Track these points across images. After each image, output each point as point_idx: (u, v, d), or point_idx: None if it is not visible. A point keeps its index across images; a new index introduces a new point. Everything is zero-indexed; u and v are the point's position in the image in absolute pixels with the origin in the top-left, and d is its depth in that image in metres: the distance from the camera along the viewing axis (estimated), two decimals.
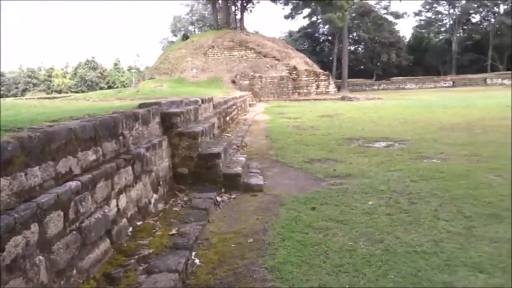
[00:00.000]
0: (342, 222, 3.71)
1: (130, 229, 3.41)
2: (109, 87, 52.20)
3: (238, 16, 41.36)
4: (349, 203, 4.26)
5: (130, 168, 3.51)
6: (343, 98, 25.96)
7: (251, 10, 43.79)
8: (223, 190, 4.83)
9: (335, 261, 2.93)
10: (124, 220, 3.31)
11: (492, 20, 62.60)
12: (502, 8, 62.49)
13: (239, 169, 5.16)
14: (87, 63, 59.06)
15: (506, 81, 45.33)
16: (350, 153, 7.00)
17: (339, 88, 36.56)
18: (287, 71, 30.11)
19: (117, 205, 3.20)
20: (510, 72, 51.55)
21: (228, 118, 11.02)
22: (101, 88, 51.05)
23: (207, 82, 25.81)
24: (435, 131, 9.39)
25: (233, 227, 3.73)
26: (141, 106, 4.82)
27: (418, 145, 7.54)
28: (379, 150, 7.22)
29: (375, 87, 45.06)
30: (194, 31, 62.50)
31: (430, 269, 2.75)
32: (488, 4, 60.63)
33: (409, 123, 11.09)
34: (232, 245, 3.31)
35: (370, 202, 4.26)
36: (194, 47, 31.52)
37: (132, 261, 2.85)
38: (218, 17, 40.93)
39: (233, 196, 4.72)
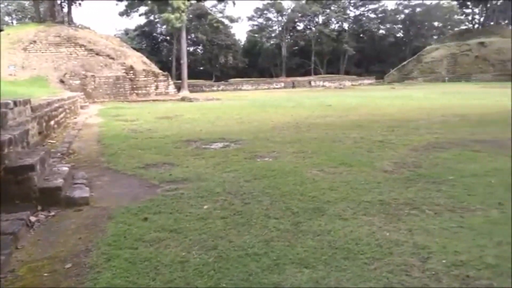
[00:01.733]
0: (175, 231, 3.52)
1: None
2: None
3: (66, 9, 37.82)
4: (184, 209, 4.11)
5: None
6: (183, 99, 25.92)
7: (80, 4, 40.49)
8: (39, 207, 4.17)
9: (165, 276, 2.72)
10: None
11: (313, 28, 70.52)
12: (320, 18, 70.83)
13: (60, 182, 4.54)
14: None
15: (327, 83, 51.30)
16: (187, 156, 6.88)
17: (179, 88, 36.47)
18: (123, 71, 28.70)
19: None
20: (329, 75, 58.90)
21: (53, 122, 9.83)
22: None
23: (29, 81, 22.84)
24: (268, 130, 9.95)
25: (48, 251, 3.21)
26: None
27: (253, 144, 7.84)
28: (216, 151, 7.27)
29: (215, 88, 46.27)
30: (12, 22, 55.04)
31: (260, 271, 2.75)
32: (309, 14, 68.04)
33: (245, 123, 11.55)
34: (45, 274, 2.82)
35: (205, 206, 4.17)
36: (11, 42, 27.61)
37: None
38: (41, 8, 36.73)
39: (52, 213, 4.11)
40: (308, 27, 72.90)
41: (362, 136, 8.54)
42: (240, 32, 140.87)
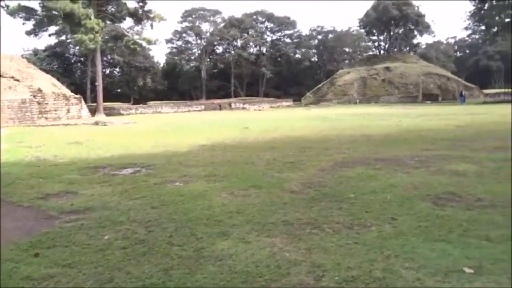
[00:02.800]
0: (69, 266, 3.30)
1: None
2: None
3: None
4: (81, 241, 3.88)
5: None
6: (97, 123, 24.80)
7: None
8: None
9: None
10: None
11: (232, 52, 71.95)
12: (239, 42, 72.52)
13: None
14: None
15: (247, 105, 52.20)
16: (93, 183, 6.55)
17: (94, 112, 34.93)
18: (30, 94, 26.87)
19: None
20: (249, 97, 60.13)
21: None
22: None
23: None
24: (182, 153, 9.84)
25: None
26: None
27: (165, 169, 7.69)
28: (125, 177, 7.01)
29: (133, 111, 44.93)
30: None
31: None
32: (228, 38, 69.38)
33: (159, 147, 11.32)
34: None
35: (106, 237, 3.98)
36: None
37: None
38: None
39: None
40: (227, 50, 74.29)
41: (274, 157, 8.76)
42: (159, 54, 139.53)
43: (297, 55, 79.28)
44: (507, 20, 49.61)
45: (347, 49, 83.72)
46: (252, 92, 70.68)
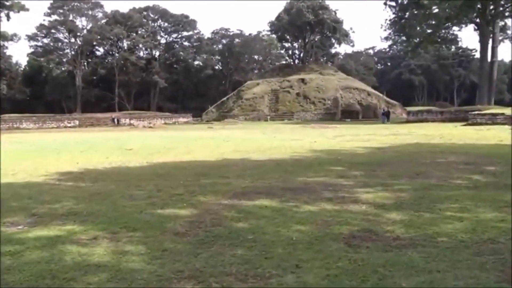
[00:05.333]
0: None
1: None
2: None
3: None
4: None
5: None
6: None
7: None
8: None
9: None
10: None
11: (117, 55, 70.16)
12: (125, 43, 71.04)
13: None
14: None
15: (135, 121, 50.90)
16: None
17: None
18: None
19: None
20: (138, 111, 58.72)
21: None
22: None
23: None
24: (36, 184, 9.06)
25: None
26: None
27: (7, 207, 6.92)
28: None
29: None
30: None
31: None
32: (111, 37, 67.57)
33: (7, 176, 10.31)
34: None
35: None
36: None
37: None
38: None
39: None
40: (111, 52, 72.33)
41: (160, 188, 8.40)
42: (20, 54, 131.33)
43: (197, 62, 79.97)
44: (429, 31, 55.01)
45: (256, 57, 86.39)
46: (141, 105, 69.35)
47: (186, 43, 79.07)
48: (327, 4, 76.93)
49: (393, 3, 55.67)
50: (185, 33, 78.43)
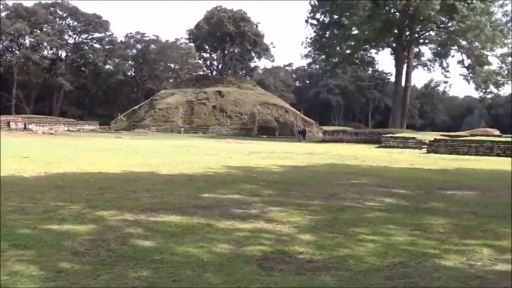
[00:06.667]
0: None
1: None
2: None
3: None
4: None
5: None
6: None
7: None
8: None
9: None
10: None
11: (17, 52, 66.57)
12: (28, 40, 67.67)
13: None
14: None
15: (33, 126, 48.37)
16: None
17: None
18: None
19: None
20: (38, 115, 55.90)
21: None
22: None
23: None
24: None
25: None
26: None
27: None
28: None
29: None
30: None
31: None
32: (11, 33, 64.11)
33: None
34: None
35: None
36: None
37: None
38: None
39: None
40: (10, 49, 68.50)
41: (58, 202, 8.00)
42: None
43: (108, 66, 77.86)
44: (348, 51, 57.54)
45: (172, 65, 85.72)
46: (43, 109, 66.11)
47: (96, 45, 76.67)
48: (249, 16, 78.22)
49: (315, 22, 57.75)
50: (96, 35, 76.10)
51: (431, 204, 9.16)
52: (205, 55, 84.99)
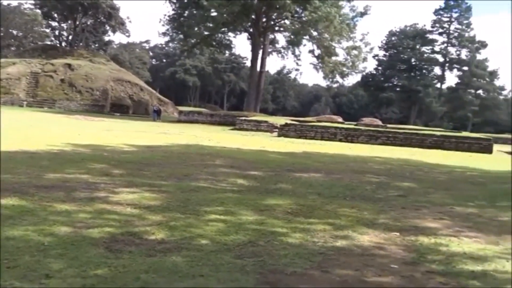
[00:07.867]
0: None
1: None
2: None
3: None
4: None
5: None
6: None
7: None
8: None
9: None
10: None
11: None
12: None
13: None
14: None
15: None
16: None
17: None
18: None
19: None
20: None
21: None
22: None
23: None
24: None
25: None
26: None
27: None
28: None
29: None
30: None
31: None
32: None
33: None
34: None
35: None
36: None
37: None
38: None
39: None
40: None
41: None
42: None
43: None
44: (206, 33, 57.55)
45: (15, 32, 78.70)
46: None
47: None
48: None
49: None
50: None
51: (280, 186, 9.58)
52: (54, 24, 79.57)
